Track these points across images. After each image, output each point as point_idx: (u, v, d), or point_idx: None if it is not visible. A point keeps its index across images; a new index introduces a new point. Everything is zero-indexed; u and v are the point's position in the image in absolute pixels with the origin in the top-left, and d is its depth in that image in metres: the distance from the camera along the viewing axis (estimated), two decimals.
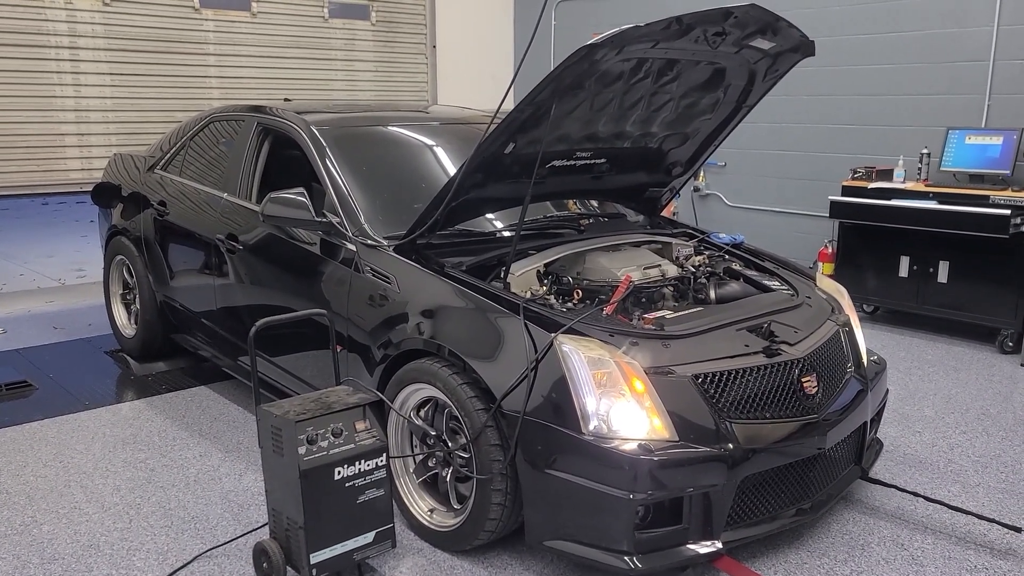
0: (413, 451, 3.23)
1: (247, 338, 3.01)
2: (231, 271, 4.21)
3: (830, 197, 6.33)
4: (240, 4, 7.64)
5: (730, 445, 2.75)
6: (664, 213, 4.54)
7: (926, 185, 6.05)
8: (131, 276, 5.16)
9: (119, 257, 5.24)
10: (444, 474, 3.13)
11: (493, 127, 3.01)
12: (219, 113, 4.79)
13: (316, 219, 3.54)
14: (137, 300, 5.10)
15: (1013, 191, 5.52)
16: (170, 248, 4.76)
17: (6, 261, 8.73)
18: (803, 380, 3.00)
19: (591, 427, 2.68)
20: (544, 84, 2.87)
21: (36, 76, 6.62)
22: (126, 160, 5.43)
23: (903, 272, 6.06)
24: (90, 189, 5.57)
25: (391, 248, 3.39)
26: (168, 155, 5.00)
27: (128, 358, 5.28)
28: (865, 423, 3.33)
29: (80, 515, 3.38)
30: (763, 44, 3.36)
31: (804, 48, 3.52)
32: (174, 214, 4.70)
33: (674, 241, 3.91)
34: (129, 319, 5.34)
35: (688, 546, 2.76)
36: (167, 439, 4.12)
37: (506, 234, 3.75)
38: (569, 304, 3.22)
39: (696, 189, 8.13)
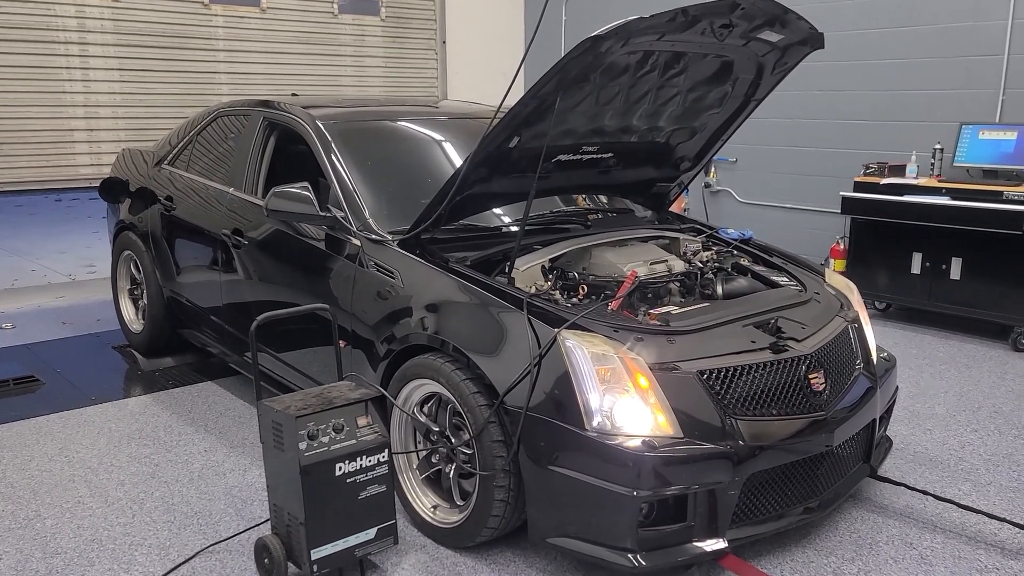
0: (416, 447, 3.21)
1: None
2: (237, 266, 4.21)
3: (842, 193, 6.27)
4: None
5: (736, 442, 2.72)
6: (675, 209, 4.50)
7: (939, 181, 5.98)
8: (138, 271, 5.16)
9: (126, 252, 5.25)
10: (447, 470, 3.10)
11: (496, 121, 2.98)
12: (226, 108, 4.78)
13: (320, 213, 3.52)
14: (144, 295, 5.11)
15: None
16: (177, 243, 4.76)
17: (19, 257, 8.78)
18: (810, 377, 2.97)
19: (594, 423, 2.66)
20: (548, 77, 2.84)
21: (45, 72, 6.63)
22: (134, 155, 5.44)
23: (915, 269, 5.99)
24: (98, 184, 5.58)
25: (395, 243, 3.38)
26: (175, 150, 4.99)
27: (135, 353, 5.29)
28: (874, 420, 3.29)
29: (83, 510, 3.38)
30: (771, 36, 3.32)
31: (813, 41, 3.47)
32: (181, 209, 4.70)
33: (682, 236, 3.87)
34: (136, 314, 5.35)
35: (693, 544, 2.74)
36: (173, 434, 4.12)
37: (512, 229, 3.72)
38: (574, 299, 3.19)
39: (707, 185, 8.08)
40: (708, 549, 2.74)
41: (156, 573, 2.94)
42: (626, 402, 2.68)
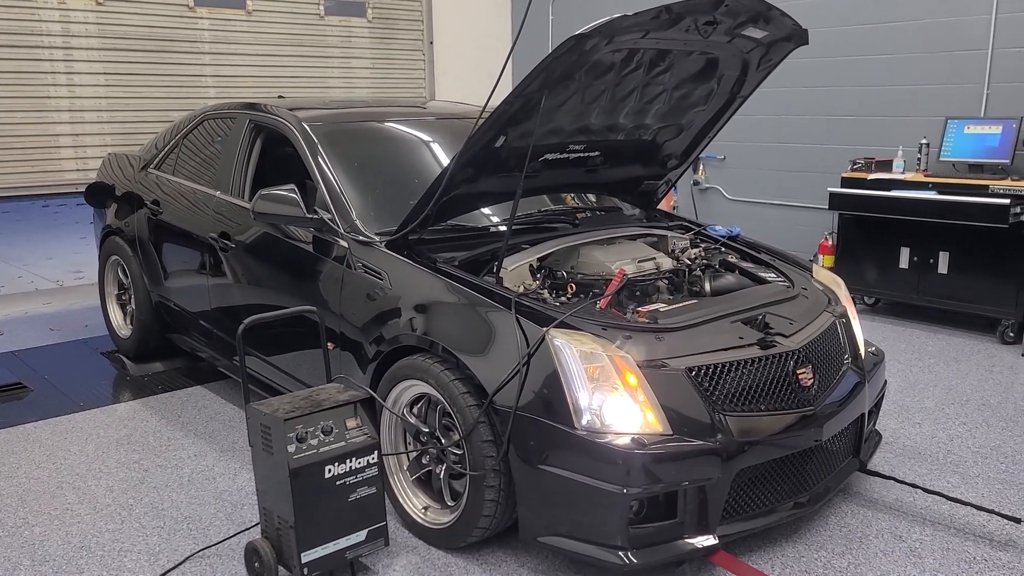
0: (406, 448, 3.21)
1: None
2: (225, 270, 4.19)
3: (829, 189, 6.28)
4: (235, 2, 7.59)
5: (725, 438, 2.72)
6: (664, 207, 4.51)
7: (925, 175, 6.01)
8: (126, 276, 5.14)
9: (114, 257, 5.22)
10: (438, 471, 3.10)
11: (483, 121, 2.98)
12: (212, 111, 4.76)
13: (307, 216, 3.51)
14: (132, 300, 5.08)
15: (1012, 180, 5.47)
16: (164, 248, 4.74)
17: (5, 263, 8.71)
18: (798, 372, 2.97)
19: (584, 422, 2.65)
20: (533, 75, 2.84)
21: (29, 76, 6.59)
22: (120, 159, 5.41)
23: (903, 263, 6.02)
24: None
25: (383, 244, 3.37)
26: (161, 154, 4.97)
27: (124, 359, 5.26)
28: (863, 415, 3.30)
29: (72, 516, 3.36)
30: (755, 33, 3.32)
31: (797, 37, 3.48)
32: (167, 213, 4.68)
33: (670, 234, 3.88)
34: (125, 319, 5.32)
35: (683, 540, 2.74)
36: (162, 439, 4.10)
37: (500, 228, 3.71)
38: (563, 298, 3.19)
39: (696, 183, 8.09)
40: (699, 545, 2.75)
41: None
42: (615, 400, 2.68)
